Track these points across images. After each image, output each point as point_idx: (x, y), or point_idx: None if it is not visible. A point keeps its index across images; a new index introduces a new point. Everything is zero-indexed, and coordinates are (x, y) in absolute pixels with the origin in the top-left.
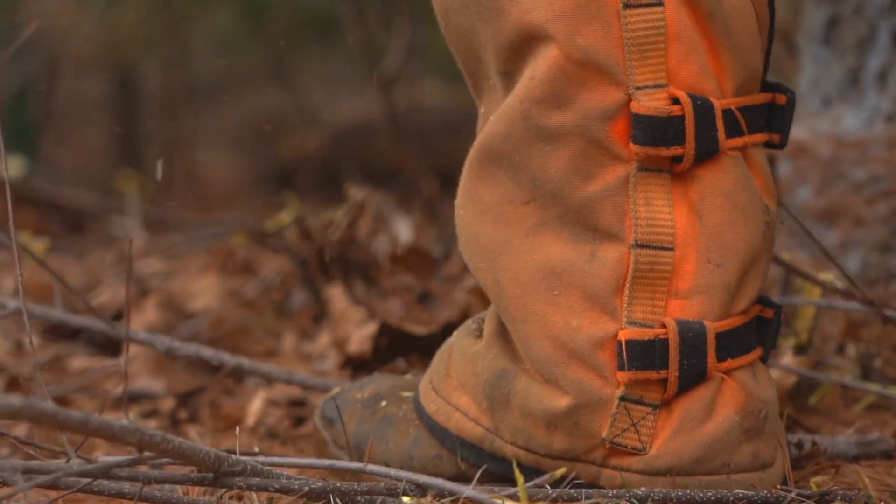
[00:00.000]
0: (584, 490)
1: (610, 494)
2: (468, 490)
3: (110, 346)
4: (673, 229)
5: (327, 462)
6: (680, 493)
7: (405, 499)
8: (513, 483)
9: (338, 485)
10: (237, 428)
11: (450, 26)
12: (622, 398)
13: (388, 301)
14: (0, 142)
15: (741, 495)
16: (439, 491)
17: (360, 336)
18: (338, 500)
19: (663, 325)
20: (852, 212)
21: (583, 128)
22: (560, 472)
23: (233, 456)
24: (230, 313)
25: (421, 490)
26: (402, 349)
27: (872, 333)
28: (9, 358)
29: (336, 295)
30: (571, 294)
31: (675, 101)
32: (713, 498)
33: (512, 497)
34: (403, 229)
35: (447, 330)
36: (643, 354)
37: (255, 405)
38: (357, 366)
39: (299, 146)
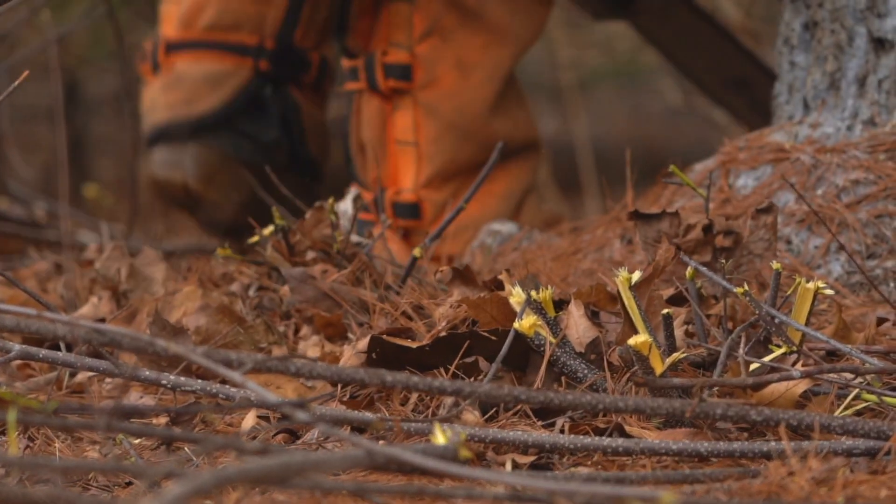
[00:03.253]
0: None
1: None
2: None
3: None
4: None
5: None
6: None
7: None
8: None
9: None
10: None
11: None
12: None
13: (375, 314)
14: None
15: None
16: None
17: (352, 350)
18: None
19: None
20: (835, 217)
21: None
22: None
23: None
24: (218, 327)
25: None
26: (393, 363)
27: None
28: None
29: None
30: None
31: None
32: None
33: None
34: None
35: (438, 343)
36: None
37: (248, 421)
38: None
39: None
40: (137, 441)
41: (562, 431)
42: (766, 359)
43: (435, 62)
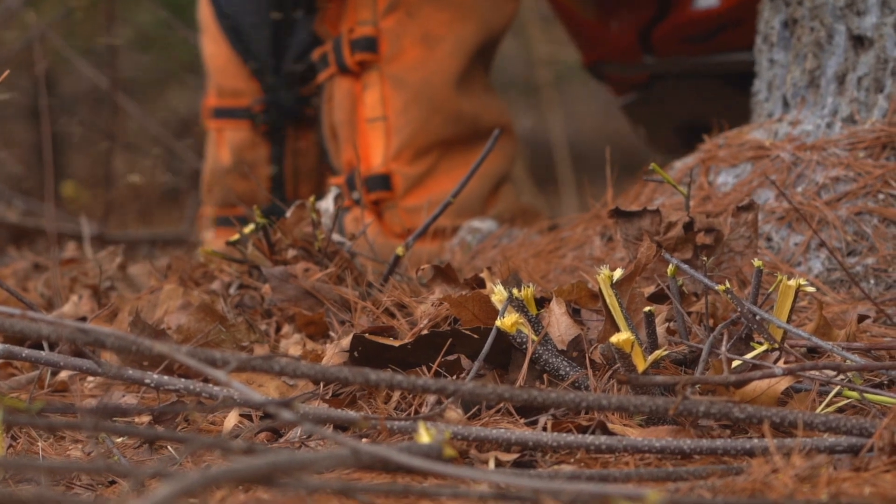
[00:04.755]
0: None
1: None
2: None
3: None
4: None
5: None
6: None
7: None
8: None
9: None
10: None
11: None
12: None
13: (357, 312)
14: None
15: None
16: None
17: (334, 349)
18: None
19: None
20: (815, 214)
21: None
22: None
23: None
24: (200, 326)
25: None
26: (375, 361)
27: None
28: None
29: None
30: None
31: None
32: None
33: None
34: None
35: (420, 341)
36: None
37: (231, 420)
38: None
39: None
40: (120, 440)
41: (544, 429)
42: (748, 356)
43: (400, 35)
